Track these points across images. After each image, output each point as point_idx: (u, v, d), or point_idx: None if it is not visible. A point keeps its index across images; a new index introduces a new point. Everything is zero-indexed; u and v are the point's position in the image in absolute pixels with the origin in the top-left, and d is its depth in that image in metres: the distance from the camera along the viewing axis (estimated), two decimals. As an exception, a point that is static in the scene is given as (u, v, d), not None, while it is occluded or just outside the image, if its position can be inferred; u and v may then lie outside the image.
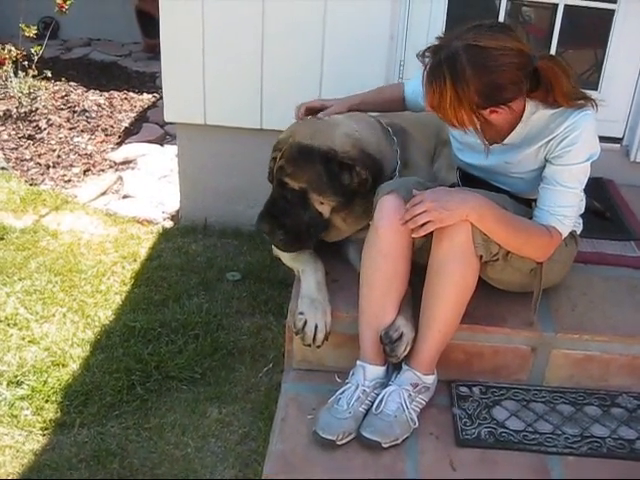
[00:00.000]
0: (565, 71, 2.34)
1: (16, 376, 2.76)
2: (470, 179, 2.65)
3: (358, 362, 2.42)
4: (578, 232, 2.66)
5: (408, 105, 2.87)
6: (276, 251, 2.86)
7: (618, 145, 3.66)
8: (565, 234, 2.42)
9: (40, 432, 2.56)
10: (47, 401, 2.67)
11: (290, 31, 3.40)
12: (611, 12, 3.50)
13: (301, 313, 2.51)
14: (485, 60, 2.20)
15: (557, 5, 3.52)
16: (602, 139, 3.39)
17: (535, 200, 2.46)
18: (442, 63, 2.22)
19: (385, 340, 2.37)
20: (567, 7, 3.51)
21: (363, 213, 2.60)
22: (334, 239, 2.75)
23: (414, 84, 2.79)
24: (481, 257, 2.33)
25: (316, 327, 2.49)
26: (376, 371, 2.41)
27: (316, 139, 2.57)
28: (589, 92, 3.21)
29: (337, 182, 2.55)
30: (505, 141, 2.49)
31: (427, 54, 2.30)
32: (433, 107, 2.32)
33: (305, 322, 2.50)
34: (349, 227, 2.68)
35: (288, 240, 2.62)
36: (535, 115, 2.41)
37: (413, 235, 2.30)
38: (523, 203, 2.54)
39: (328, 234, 2.70)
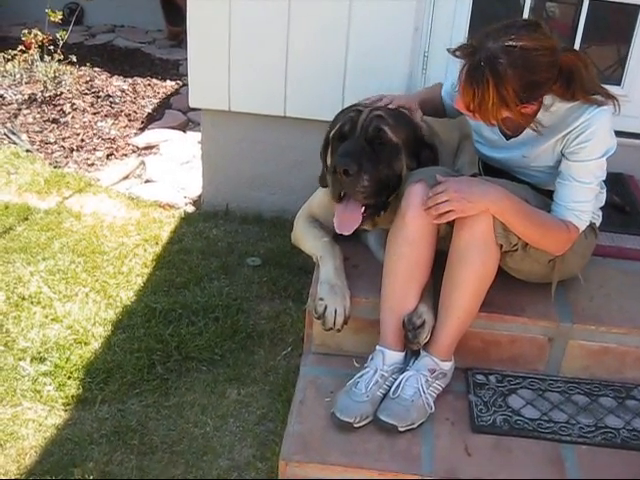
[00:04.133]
0: (586, 65, 2.36)
1: (39, 352, 2.82)
2: (492, 169, 2.67)
3: (377, 347, 2.46)
4: (597, 224, 2.68)
5: (447, 106, 2.87)
6: (295, 239, 2.90)
7: (639, 141, 3.66)
8: (582, 228, 2.44)
9: (62, 407, 2.61)
10: (69, 378, 2.72)
11: (316, 20, 3.42)
12: (637, 7, 3.50)
13: (321, 299, 2.54)
14: (525, 61, 2.23)
15: (582, 0, 3.52)
16: (624, 134, 3.43)
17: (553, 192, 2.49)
18: (483, 66, 2.23)
19: (408, 326, 2.40)
20: (592, 2, 3.51)
21: None
22: (374, 228, 2.74)
23: (446, 85, 2.85)
24: (501, 246, 2.35)
25: (336, 312, 2.53)
26: (395, 356, 2.44)
27: (406, 111, 2.62)
28: (612, 87, 3.24)
29: (417, 155, 2.57)
30: (521, 136, 2.52)
31: (459, 53, 2.32)
32: (469, 108, 2.33)
33: (325, 307, 2.53)
34: (390, 213, 2.59)
35: (370, 190, 2.47)
36: (552, 107, 2.43)
37: (434, 221, 2.33)
38: (544, 193, 2.56)
39: (376, 221, 2.67)
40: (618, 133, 2.48)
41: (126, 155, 4.64)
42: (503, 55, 2.21)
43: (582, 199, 2.42)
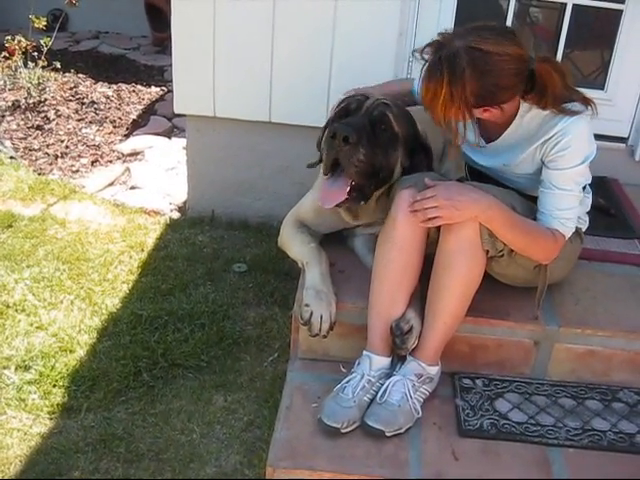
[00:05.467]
0: (561, 74, 2.37)
1: (24, 361, 2.79)
2: (477, 173, 2.68)
3: (364, 352, 2.45)
4: (584, 229, 2.70)
5: (417, 102, 2.90)
6: (281, 243, 2.89)
7: (623, 145, 3.68)
8: (568, 235, 2.45)
9: (47, 416, 2.59)
10: (54, 386, 2.70)
11: (301, 26, 3.42)
12: (619, 12, 3.52)
13: (307, 305, 2.54)
14: (485, 64, 2.24)
15: (565, 5, 3.54)
16: (607, 138, 3.45)
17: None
18: (442, 61, 2.26)
19: (396, 332, 2.40)
20: (575, 7, 3.54)
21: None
22: (355, 220, 2.71)
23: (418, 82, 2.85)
24: (487, 252, 2.36)
25: (321, 318, 2.52)
26: (382, 362, 2.44)
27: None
28: (595, 92, 3.26)
29: (412, 154, 2.56)
30: (499, 140, 2.54)
31: (427, 50, 2.34)
32: (425, 103, 2.37)
33: (311, 313, 2.52)
34: (375, 210, 2.61)
35: (363, 167, 2.43)
36: (529, 114, 2.45)
37: (420, 224, 2.33)
38: (529, 199, 2.56)
39: (357, 212, 2.66)
40: (602, 137, 2.50)
41: (111, 162, 4.62)
42: (464, 54, 2.23)
43: (565, 206, 2.42)
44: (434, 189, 2.31)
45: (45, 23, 5.18)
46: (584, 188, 2.60)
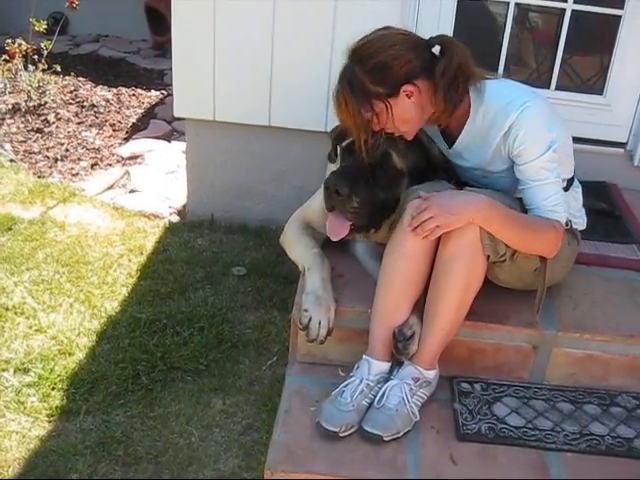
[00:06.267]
0: (463, 46, 2.45)
1: (23, 363, 2.80)
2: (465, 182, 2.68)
3: (364, 356, 2.45)
4: (580, 228, 2.70)
5: None
6: (284, 243, 2.89)
7: (622, 150, 3.68)
8: (563, 221, 2.44)
9: (46, 419, 2.59)
10: (53, 389, 2.70)
11: (300, 31, 3.43)
12: (618, 18, 3.53)
13: (306, 310, 2.54)
14: (364, 51, 2.37)
15: (564, 10, 3.55)
16: (606, 143, 3.46)
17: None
18: (336, 86, 2.43)
19: (399, 337, 2.40)
20: (574, 13, 3.55)
21: None
22: (370, 239, 2.73)
23: None
24: (488, 257, 2.36)
25: (319, 324, 2.53)
26: (381, 366, 2.44)
27: (424, 137, 2.59)
28: (594, 97, 3.27)
29: (424, 180, 2.55)
30: (457, 143, 2.56)
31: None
32: (342, 121, 2.47)
33: (310, 319, 2.53)
34: (389, 231, 2.56)
35: (359, 212, 2.49)
36: (481, 109, 2.47)
37: (423, 239, 2.33)
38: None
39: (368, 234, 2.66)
40: (601, 142, 2.50)
41: (111, 165, 4.62)
42: (348, 62, 2.41)
43: (548, 195, 2.40)
44: (427, 200, 2.31)
45: (45, 26, 5.20)
46: (571, 182, 2.62)
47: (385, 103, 2.37)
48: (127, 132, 5.08)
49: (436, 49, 2.45)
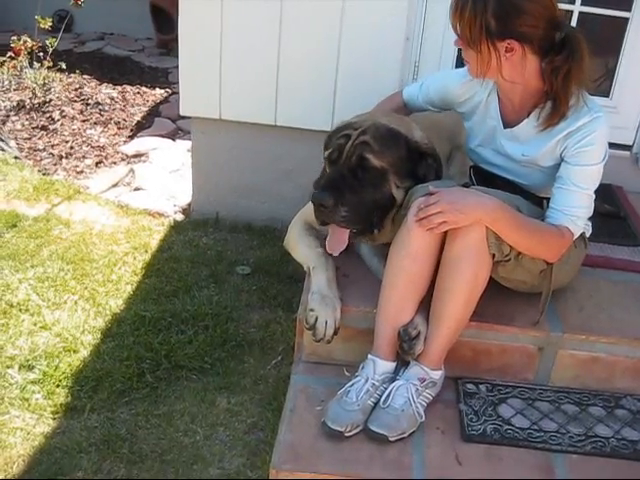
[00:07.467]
0: (587, 52, 2.41)
1: (28, 360, 2.80)
2: (485, 177, 2.68)
3: (369, 356, 2.45)
4: (588, 235, 2.70)
5: (411, 109, 2.93)
6: (288, 245, 2.88)
7: (628, 152, 3.69)
8: (577, 234, 2.47)
9: (51, 416, 2.60)
10: (58, 386, 2.71)
11: (307, 30, 3.43)
12: (625, 20, 3.54)
13: (312, 310, 2.54)
14: None
15: (572, 12, 3.55)
16: (612, 146, 3.43)
17: (548, 199, 2.50)
18: None
19: (404, 337, 2.40)
20: (581, 14, 3.55)
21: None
22: (374, 242, 2.71)
23: (409, 89, 2.94)
24: (493, 256, 2.36)
25: (326, 323, 2.52)
26: (387, 366, 2.44)
27: (402, 127, 2.58)
28: (601, 99, 3.27)
29: (412, 170, 2.55)
30: (520, 126, 2.56)
31: None
32: (453, 20, 2.44)
33: (316, 318, 2.52)
34: (392, 230, 2.58)
35: (350, 218, 2.48)
36: (549, 104, 2.47)
37: (427, 232, 2.33)
38: (536, 203, 2.57)
39: (374, 236, 2.64)
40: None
41: (115, 163, 4.63)
42: None
43: (579, 204, 2.44)
44: (437, 195, 2.31)
45: (50, 24, 5.22)
46: None
47: (487, 38, 2.36)
48: (132, 130, 5.08)
49: (560, 35, 2.40)
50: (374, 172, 2.50)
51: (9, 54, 5.17)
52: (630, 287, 2.90)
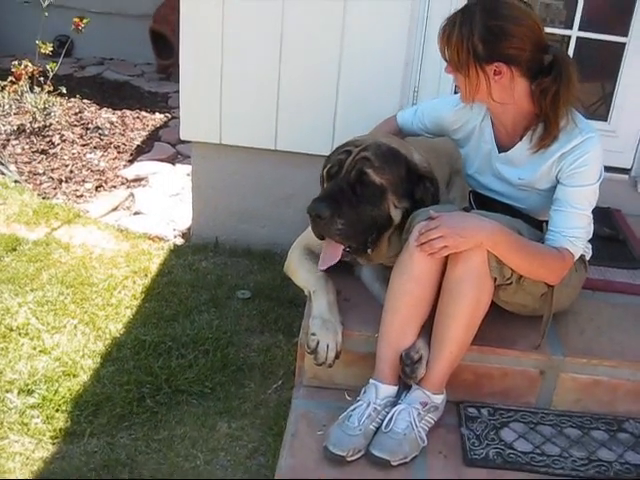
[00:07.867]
0: (576, 74, 2.42)
1: (27, 385, 2.78)
2: (484, 202, 2.69)
3: (371, 380, 2.44)
4: (587, 258, 2.71)
5: (406, 134, 2.95)
6: (288, 270, 2.89)
7: (626, 176, 3.71)
8: (577, 255, 2.47)
9: (50, 441, 2.58)
10: (57, 410, 2.69)
11: (307, 56, 3.46)
12: (622, 45, 3.57)
13: (313, 334, 2.53)
14: (497, 6, 2.38)
15: (569, 37, 3.58)
16: (611, 169, 3.48)
17: (547, 222, 2.51)
18: (457, 12, 2.42)
19: (406, 361, 2.40)
20: (579, 39, 3.58)
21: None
22: (369, 262, 2.72)
23: (404, 114, 2.96)
24: (495, 280, 2.36)
25: (327, 347, 2.52)
26: (389, 390, 2.42)
27: (402, 148, 2.60)
28: (598, 123, 3.29)
29: (410, 191, 2.57)
30: (514, 150, 2.58)
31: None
32: (444, 55, 2.48)
33: (318, 343, 2.52)
34: (388, 251, 2.61)
35: (346, 232, 2.48)
36: (541, 126, 2.49)
37: (428, 256, 2.33)
38: (536, 226, 2.58)
39: (369, 256, 2.65)
40: (605, 168, 2.52)
41: (115, 187, 4.64)
42: (479, 3, 2.41)
43: (577, 225, 2.45)
44: (438, 219, 2.32)
45: (51, 49, 5.26)
46: None
47: (475, 62, 2.40)
48: (131, 154, 5.10)
49: (548, 58, 2.43)
50: (373, 188, 2.51)
51: (10, 78, 5.20)
52: (630, 310, 2.90)
